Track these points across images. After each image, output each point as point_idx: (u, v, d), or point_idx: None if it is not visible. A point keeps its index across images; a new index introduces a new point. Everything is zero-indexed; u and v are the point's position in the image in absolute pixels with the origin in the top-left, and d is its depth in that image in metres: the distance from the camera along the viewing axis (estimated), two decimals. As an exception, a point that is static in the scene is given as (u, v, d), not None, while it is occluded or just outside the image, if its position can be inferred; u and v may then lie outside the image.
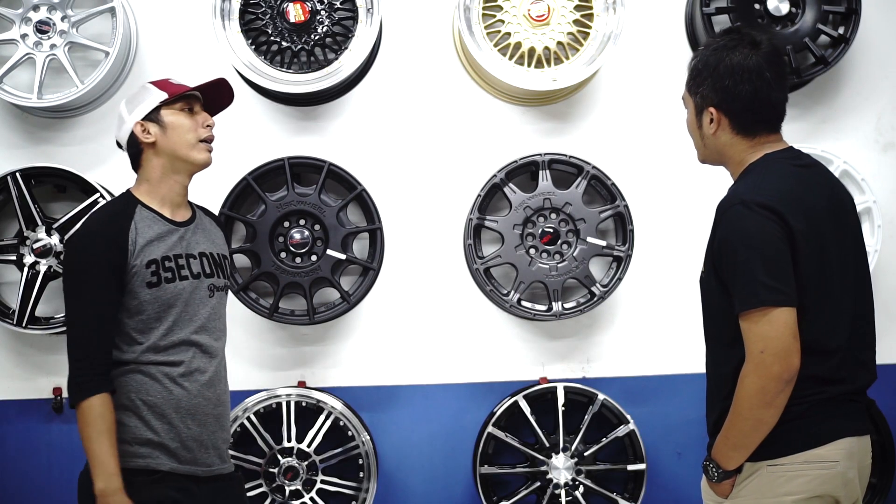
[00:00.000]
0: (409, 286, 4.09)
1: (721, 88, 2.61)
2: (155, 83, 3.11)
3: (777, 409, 2.47)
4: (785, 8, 4.00)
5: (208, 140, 3.10)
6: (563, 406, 3.97)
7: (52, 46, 3.92)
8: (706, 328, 2.78)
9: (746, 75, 2.59)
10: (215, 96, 3.23)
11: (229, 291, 3.21)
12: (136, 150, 3.06)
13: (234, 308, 3.93)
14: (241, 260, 3.97)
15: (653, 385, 4.14)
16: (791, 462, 2.55)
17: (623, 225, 4.00)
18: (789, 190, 2.54)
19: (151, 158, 3.05)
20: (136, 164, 3.08)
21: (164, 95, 3.05)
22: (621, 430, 3.99)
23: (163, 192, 3.06)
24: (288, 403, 3.91)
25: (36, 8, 3.92)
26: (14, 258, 3.91)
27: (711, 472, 2.66)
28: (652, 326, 4.16)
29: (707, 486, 2.75)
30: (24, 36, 3.92)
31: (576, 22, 3.97)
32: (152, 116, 3.03)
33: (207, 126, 3.10)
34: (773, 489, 2.56)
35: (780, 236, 2.47)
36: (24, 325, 3.87)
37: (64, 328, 3.83)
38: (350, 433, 3.91)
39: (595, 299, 3.97)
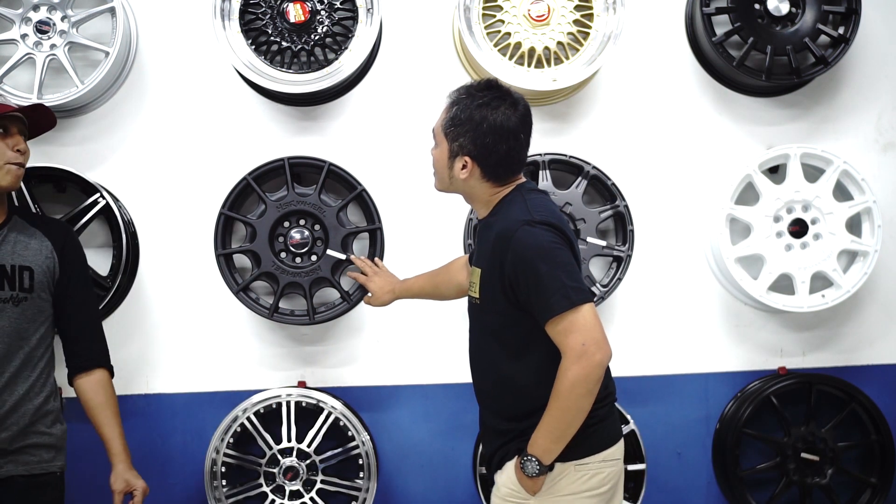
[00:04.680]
0: (408, 286, 4.08)
1: (481, 144, 2.85)
2: None
3: (593, 397, 2.74)
4: (785, 8, 4.00)
5: (17, 164, 3.15)
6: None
7: (52, 46, 3.92)
8: (482, 354, 2.99)
9: (506, 135, 2.85)
10: (37, 120, 3.30)
11: (28, 302, 3.16)
12: None
13: (235, 308, 3.96)
14: (241, 260, 3.97)
15: (653, 385, 4.15)
16: (593, 461, 2.88)
17: (623, 225, 4.00)
18: (551, 209, 2.88)
19: None
20: None
21: None
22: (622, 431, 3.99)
23: None
24: (288, 403, 3.91)
25: (36, 8, 3.92)
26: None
27: (532, 468, 2.82)
28: (652, 326, 4.16)
29: (515, 482, 2.90)
30: (24, 36, 3.92)
31: (576, 22, 3.97)
32: None
33: (17, 150, 3.15)
34: (579, 486, 2.86)
35: (564, 246, 2.78)
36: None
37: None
38: (350, 433, 3.91)
39: (595, 299, 3.95)
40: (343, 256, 3.88)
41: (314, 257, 3.92)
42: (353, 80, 4.05)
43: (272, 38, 3.92)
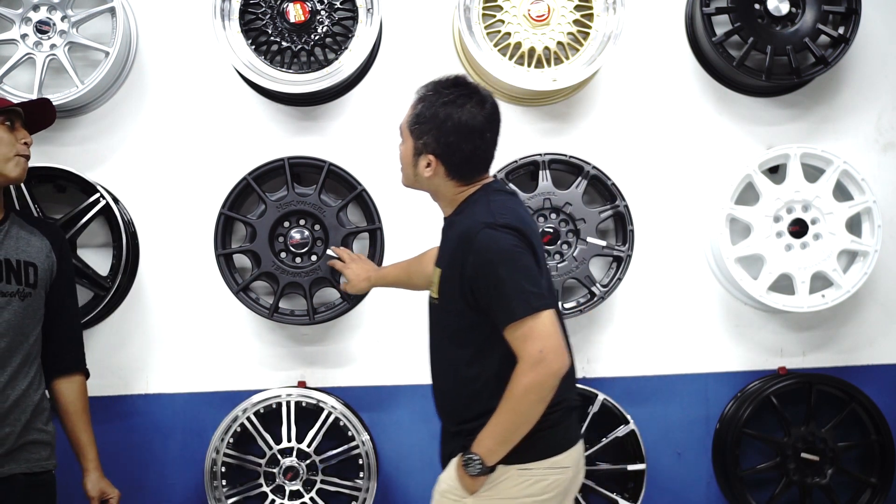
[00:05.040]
0: (408, 285, 4.08)
1: (445, 143, 2.81)
2: None
3: (545, 405, 2.70)
4: (785, 8, 4.00)
5: (25, 156, 3.18)
6: (563, 406, 3.97)
7: (52, 46, 3.92)
8: (441, 354, 2.99)
9: (470, 135, 2.80)
10: (38, 116, 3.32)
11: (33, 298, 3.17)
12: None
13: (235, 308, 3.96)
14: (241, 260, 3.97)
15: (653, 385, 4.14)
16: (538, 467, 2.82)
17: (623, 225, 4.00)
18: (516, 211, 2.82)
19: None
20: None
21: None
22: (621, 431, 3.99)
23: None
24: (288, 403, 3.91)
25: (36, 8, 3.92)
26: (13, 257, 3.90)
27: (474, 467, 2.79)
28: (652, 326, 4.16)
29: (455, 479, 2.88)
30: (24, 36, 3.92)
31: (576, 22, 3.97)
32: None
33: (25, 143, 3.19)
34: (519, 490, 2.82)
35: (527, 250, 2.73)
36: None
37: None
38: (350, 433, 3.91)
39: (595, 299, 3.96)
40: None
41: (314, 257, 3.92)
42: (353, 80, 4.05)
43: (272, 38, 3.92)
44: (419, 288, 3.59)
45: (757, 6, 4.02)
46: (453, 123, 2.79)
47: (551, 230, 3.97)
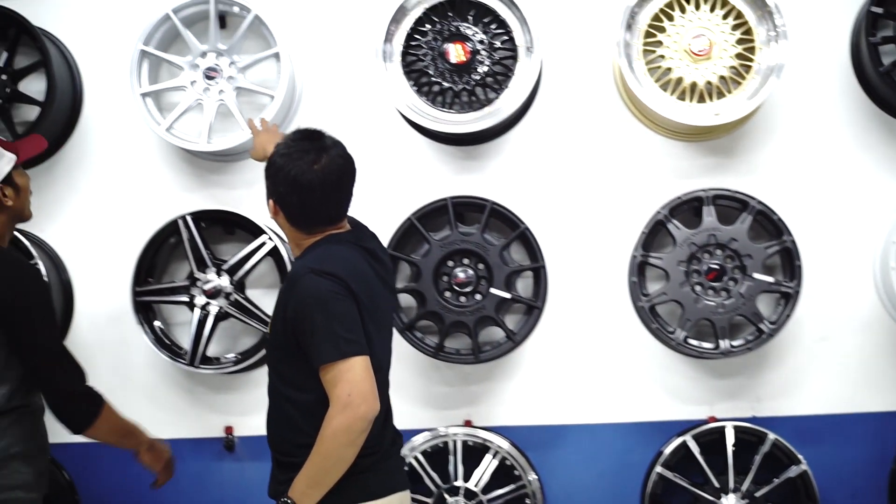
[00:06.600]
0: (573, 324, 4.07)
1: (277, 193, 2.85)
2: None
3: (356, 449, 2.72)
4: (957, 36, 3.90)
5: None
6: (732, 446, 3.90)
7: (220, 92, 4.01)
8: (271, 386, 2.98)
9: (298, 189, 2.81)
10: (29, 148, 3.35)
11: None
12: None
13: (400, 347, 3.96)
14: (406, 299, 4.00)
15: (826, 424, 4.04)
16: None
17: (790, 260, 3.92)
18: (349, 261, 2.84)
19: None
20: None
21: (13, 157, 3.14)
22: (793, 471, 3.91)
23: None
24: (455, 443, 3.91)
25: (204, 55, 4.02)
26: (186, 299, 4.00)
27: None
28: (823, 364, 4.06)
29: None
30: (192, 82, 4.02)
31: (737, 56, 3.92)
32: (6, 179, 3.11)
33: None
34: None
35: (347, 297, 2.76)
36: (196, 364, 3.94)
37: (235, 369, 3.94)
38: (517, 472, 3.90)
39: (763, 336, 3.89)
40: (508, 295, 3.88)
41: (478, 296, 3.92)
42: (513, 118, 4.05)
43: (433, 78, 3.96)
44: None
45: (925, 35, 3.93)
46: (284, 176, 2.82)
47: (717, 266, 3.91)
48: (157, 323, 4.07)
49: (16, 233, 3.83)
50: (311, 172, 2.80)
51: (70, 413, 3.07)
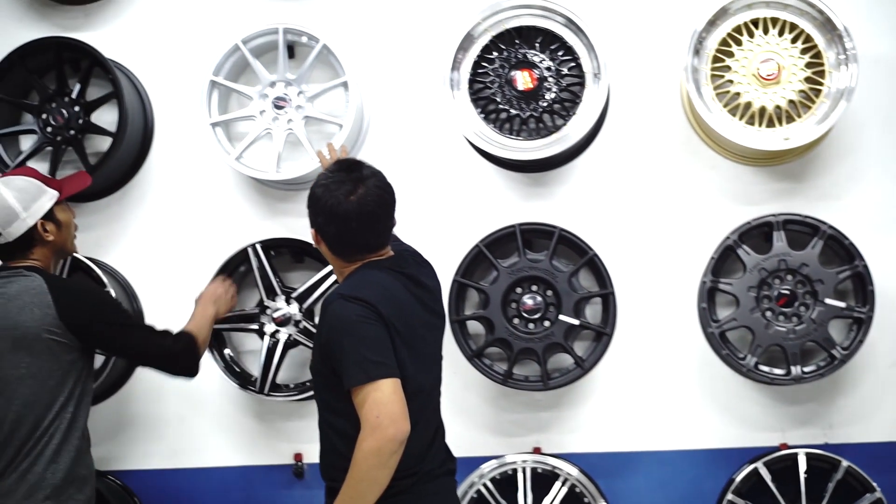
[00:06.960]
0: (642, 351, 4.06)
1: (317, 223, 2.93)
2: (35, 176, 3.25)
3: (390, 471, 2.72)
4: None
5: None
6: (804, 473, 3.86)
7: (289, 121, 4.05)
8: (320, 413, 3.01)
9: (335, 219, 2.87)
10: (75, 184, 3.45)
11: None
12: (27, 244, 3.17)
13: (468, 374, 3.98)
14: (474, 326, 4.01)
15: (899, 451, 4.00)
16: None
17: (862, 285, 3.88)
18: (379, 285, 2.86)
19: (39, 251, 3.20)
20: (14, 255, 3.19)
21: (56, 194, 3.21)
22: (867, 499, 3.85)
23: None
24: (524, 470, 3.91)
25: (273, 84, 4.06)
26: (255, 327, 4.03)
27: None
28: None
29: None
30: (262, 112, 4.06)
31: (806, 79, 3.89)
32: (48, 214, 3.18)
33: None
34: None
35: (376, 321, 2.78)
36: (266, 392, 3.97)
37: (304, 396, 3.96)
38: (587, 500, 3.88)
39: (835, 363, 3.85)
40: (576, 322, 3.88)
41: (547, 323, 3.92)
42: (581, 145, 4.06)
43: (500, 105, 3.96)
44: None
45: None
46: (321, 206, 2.88)
47: (788, 292, 3.88)
48: (227, 351, 4.10)
49: (88, 261, 3.93)
50: (347, 203, 2.84)
51: (180, 371, 3.36)
